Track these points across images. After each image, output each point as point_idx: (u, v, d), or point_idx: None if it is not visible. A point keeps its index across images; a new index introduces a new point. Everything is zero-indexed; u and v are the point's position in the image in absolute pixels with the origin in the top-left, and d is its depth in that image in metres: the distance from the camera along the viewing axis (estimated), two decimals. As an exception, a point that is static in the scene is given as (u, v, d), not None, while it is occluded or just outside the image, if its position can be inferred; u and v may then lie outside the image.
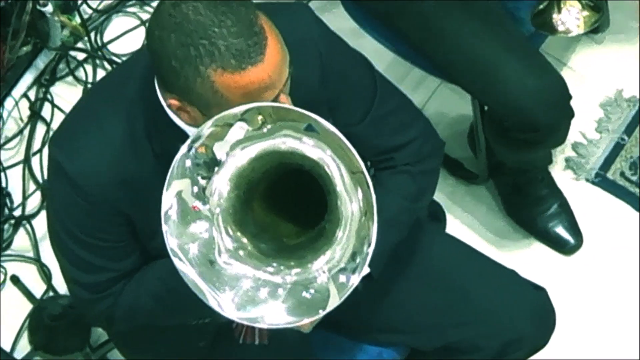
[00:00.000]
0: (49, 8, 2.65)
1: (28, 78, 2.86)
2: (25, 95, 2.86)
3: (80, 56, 2.90)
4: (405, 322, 2.07)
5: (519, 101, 2.21)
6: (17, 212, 2.73)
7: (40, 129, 2.85)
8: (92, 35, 2.90)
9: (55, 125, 2.77)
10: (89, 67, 2.90)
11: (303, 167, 1.58)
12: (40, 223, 2.70)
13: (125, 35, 2.94)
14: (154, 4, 2.68)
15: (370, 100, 1.88)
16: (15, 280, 2.67)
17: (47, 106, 2.85)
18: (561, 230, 2.63)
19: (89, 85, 2.86)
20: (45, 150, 2.49)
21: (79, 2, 2.82)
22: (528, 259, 2.63)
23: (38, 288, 2.67)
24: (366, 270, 1.79)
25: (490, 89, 2.24)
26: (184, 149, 1.54)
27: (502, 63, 2.21)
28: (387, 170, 1.95)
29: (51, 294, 2.65)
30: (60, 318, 2.53)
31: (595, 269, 2.62)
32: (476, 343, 2.03)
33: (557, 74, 2.27)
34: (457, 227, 2.65)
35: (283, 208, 1.72)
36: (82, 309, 1.95)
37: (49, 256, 2.53)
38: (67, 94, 2.87)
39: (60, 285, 2.56)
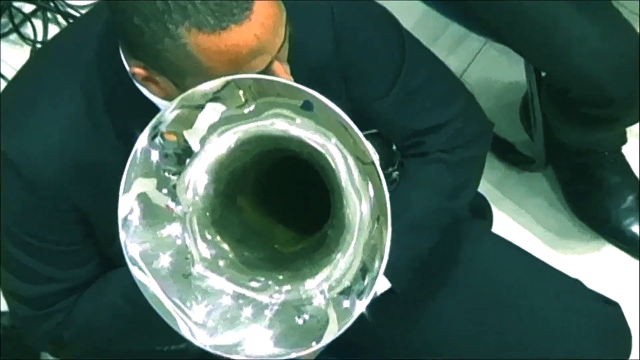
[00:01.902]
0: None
1: (-39, 36, 2.80)
2: (-42, 56, 2.84)
3: (27, 8, 2.89)
4: (442, 345, 2.03)
5: (584, 66, 2.13)
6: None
7: (-23, 99, 2.86)
8: (43, -19, 2.88)
9: (-5, 96, 2.81)
10: (38, 23, 2.89)
11: (300, 156, 1.54)
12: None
13: (85, -17, 2.93)
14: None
15: (397, 68, 1.84)
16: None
17: (-16, 71, 2.85)
18: (638, 230, 2.56)
19: (38, 46, 2.84)
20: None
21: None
22: (597, 266, 2.58)
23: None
24: (386, 285, 1.82)
25: (549, 50, 2.16)
26: (143, 139, 1.50)
27: (565, 17, 2.13)
28: (417, 158, 1.92)
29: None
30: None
31: (680, 278, 2.57)
32: (533, 371, 2.03)
33: (634, 33, 2.19)
34: (507, 225, 2.61)
35: (276, 207, 1.70)
36: (23, 328, 1.91)
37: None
38: (10, 56, 2.85)
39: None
